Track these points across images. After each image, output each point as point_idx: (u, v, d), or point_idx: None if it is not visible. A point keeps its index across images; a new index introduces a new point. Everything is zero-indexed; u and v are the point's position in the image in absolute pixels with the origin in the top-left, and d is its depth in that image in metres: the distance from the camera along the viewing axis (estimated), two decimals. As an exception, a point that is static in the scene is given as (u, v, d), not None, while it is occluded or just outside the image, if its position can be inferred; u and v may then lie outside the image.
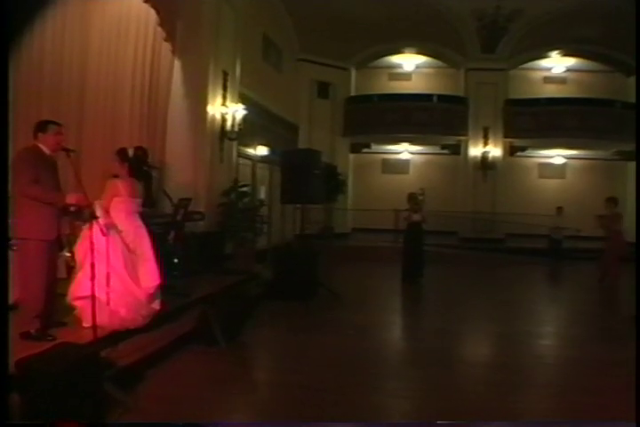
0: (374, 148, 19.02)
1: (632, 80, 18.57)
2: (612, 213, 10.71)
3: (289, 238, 13.50)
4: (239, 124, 10.50)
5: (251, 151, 12.54)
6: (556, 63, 19.13)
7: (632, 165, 18.36)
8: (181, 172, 9.36)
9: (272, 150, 13.11)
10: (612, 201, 10.83)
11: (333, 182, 15.24)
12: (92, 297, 4.27)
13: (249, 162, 12.73)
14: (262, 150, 12.96)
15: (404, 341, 7.19)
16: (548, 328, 7.84)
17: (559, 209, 14.24)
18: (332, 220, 16.40)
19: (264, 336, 6.58)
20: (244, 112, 10.61)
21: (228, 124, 10.33)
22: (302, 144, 15.65)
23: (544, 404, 4.55)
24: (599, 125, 17.09)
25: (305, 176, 8.78)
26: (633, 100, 18.04)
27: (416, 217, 10.89)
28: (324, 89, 17.48)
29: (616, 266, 10.63)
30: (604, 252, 10.89)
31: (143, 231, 5.59)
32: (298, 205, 11.46)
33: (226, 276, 8.90)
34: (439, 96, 17.84)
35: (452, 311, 8.59)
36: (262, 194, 13.45)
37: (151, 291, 5.40)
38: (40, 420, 3.24)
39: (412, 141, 18.20)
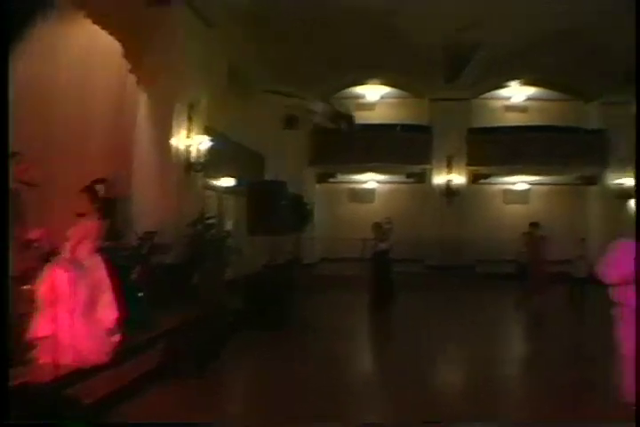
0: (340, 177, 19.19)
1: (590, 107, 19.20)
2: (535, 235, 11.81)
3: (258, 269, 13.42)
4: (204, 156, 10.51)
5: (217, 182, 12.53)
6: (517, 92, 19.71)
7: (593, 189, 18.87)
8: (147, 203, 9.28)
9: (238, 181, 13.10)
10: (535, 225, 12.02)
11: (300, 213, 15.26)
12: (54, 335, 4.17)
13: (215, 193, 12.71)
14: (228, 181, 12.95)
15: (373, 368, 7.18)
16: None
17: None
18: (300, 250, 16.36)
19: (233, 367, 6.52)
20: (210, 144, 10.61)
21: (194, 155, 10.33)
22: (269, 174, 15.67)
23: None
24: (560, 152, 17.56)
25: (271, 208, 8.84)
26: (591, 126, 18.66)
27: (382, 246, 10.97)
28: (290, 119, 17.60)
29: (539, 285, 11.37)
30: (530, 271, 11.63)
31: (103, 266, 5.52)
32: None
33: (193, 307, 8.81)
34: (403, 126, 18.16)
35: (419, 338, 8.66)
36: (229, 225, 13.38)
37: (111, 324, 5.33)
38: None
39: (377, 171, 18.38)
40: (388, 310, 10.99)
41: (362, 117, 19.13)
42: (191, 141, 10.28)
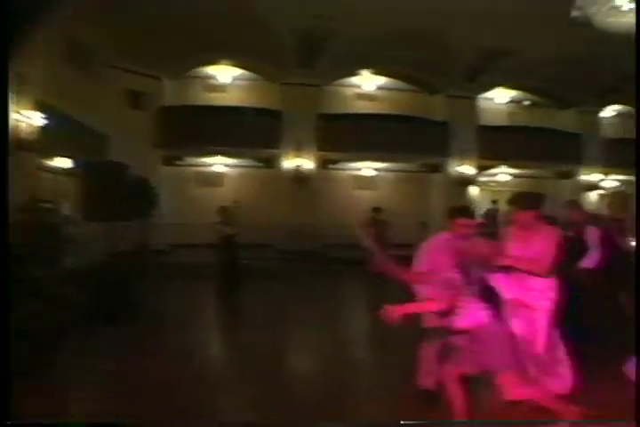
0: (188, 160, 18.60)
1: (436, 99, 20.16)
2: (377, 219, 12.61)
3: (101, 258, 12.66)
4: (38, 134, 9.67)
5: (53, 163, 11.63)
6: (368, 81, 20.11)
7: (436, 177, 19.87)
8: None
9: (78, 162, 12.23)
10: (377, 210, 12.86)
11: (145, 197, 14.57)
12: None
13: (51, 175, 11.80)
14: (66, 162, 12.07)
15: (225, 358, 7.00)
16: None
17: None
18: (146, 236, 15.66)
19: (75, 363, 6.04)
20: (44, 120, 9.78)
21: (24, 133, 9.47)
22: (113, 156, 14.77)
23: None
24: (406, 140, 18.18)
25: (111, 191, 8.28)
26: (436, 117, 19.58)
27: (228, 230, 10.74)
28: (136, 98, 16.76)
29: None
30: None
31: None
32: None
33: (27, 300, 8.08)
34: (254, 109, 17.90)
35: (270, 326, 8.57)
36: (67, 210, 12.49)
37: None
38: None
39: (226, 154, 18.03)
40: (235, 296, 10.80)
41: (212, 99, 18.67)
42: (20, 117, 9.41)
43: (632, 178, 22.24)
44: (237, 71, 18.93)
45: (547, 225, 4.70)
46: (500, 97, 21.83)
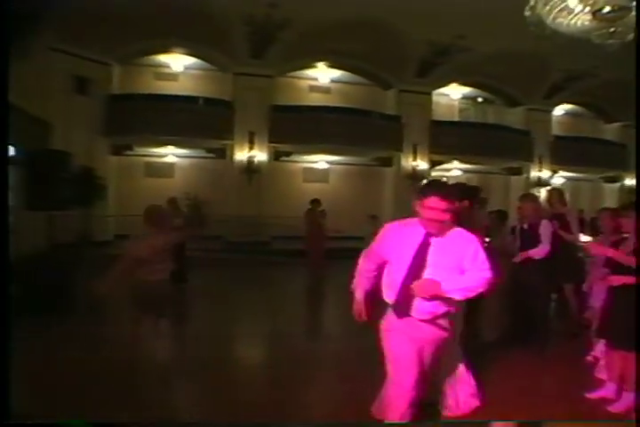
0: (137, 150, 18.23)
1: (390, 93, 20.29)
2: (316, 212, 12.87)
3: (40, 249, 12.32)
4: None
5: (-7, 150, 11.24)
6: (322, 73, 20.07)
7: (389, 170, 20.04)
8: None
9: (18, 150, 11.82)
10: (316, 202, 12.97)
11: (90, 186, 14.27)
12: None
13: (-10, 162, 11.41)
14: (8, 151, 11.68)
15: (167, 349, 6.89)
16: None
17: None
18: (90, 227, 15.34)
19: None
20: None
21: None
22: (57, 144, 14.34)
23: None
24: (359, 133, 18.23)
25: (52, 180, 8.08)
26: (389, 111, 19.70)
27: (177, 222, 10.59)
28: (82, 84, 16.28)
29: (318, 261, 12.85)
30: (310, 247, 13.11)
31: None
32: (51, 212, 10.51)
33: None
34: (205, 99, 17.66)
35: (215, 317, 8.65)
36: (9, 199, 12.09)
37: None
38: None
39: (176, 144, 17.77)
40: (181, 288, 10.69)
41: (163, 88, 18.36)
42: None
43: (578, 175, 22.99)
44: (190, 60, 18.60)
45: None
46: (452, 93, 22.09)
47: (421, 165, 19.88)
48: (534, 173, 22.03)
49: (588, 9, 5.45)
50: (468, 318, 4.94)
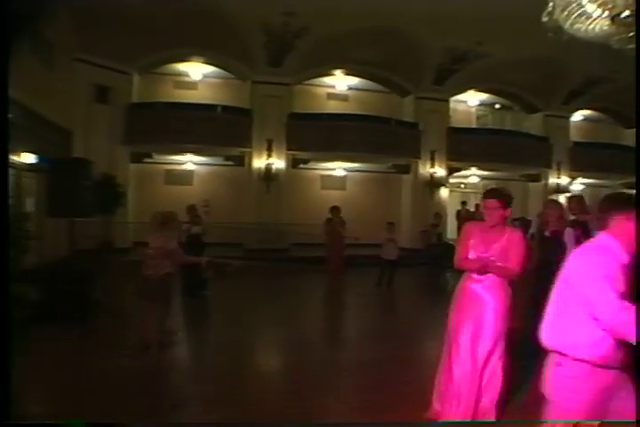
0: (156, 157, 18.40)
1: (407, 100, 20.30)
2: (335, 219, 12.85)
3: (63, 255, 12.45)
4: None
5: (15, 158, 11.40)
6: (339, 81, 20.15)
7: (406, 178, 20.00)
8: None
9: (41, 158, 12.02)
10: (335, 209, 12.90)
11: (111, 194, 14.43)
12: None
13: (13, 171, 11.56)
14: (29, 158, 11.84)
15: (192, 357, 6.94)
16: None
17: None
18: (110, 234, 15.49)
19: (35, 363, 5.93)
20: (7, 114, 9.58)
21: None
22: (77, 152, 14.58)
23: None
24: (377, 140, 18.21)
25: (74, 188, 8.20)
26: (406, 118, 19.71)
27: (195, 229, 10.68)
28: (103, 93, 16.50)
29: (337, 268, 12.99)
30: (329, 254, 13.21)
31: None
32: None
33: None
34: (224, 107, 17.78)
35: (239, 325, 8.58)
36: (29, 206, 12.28)
37: None
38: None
39: (195, 152, 17.89)
40: (201, 295, 10.75)
41: (182, 96, 18.52)
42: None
43: (598, 181, 22.79)
44: (208, 68, 18.78)
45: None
46: (470, 99, 22.06)
47: (439, 171, 19.82)
48: (553, 180, 21.90)
49: (606, 14, 5.41)
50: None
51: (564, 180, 22.02)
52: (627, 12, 5.13)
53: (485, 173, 21.33)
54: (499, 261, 4.20)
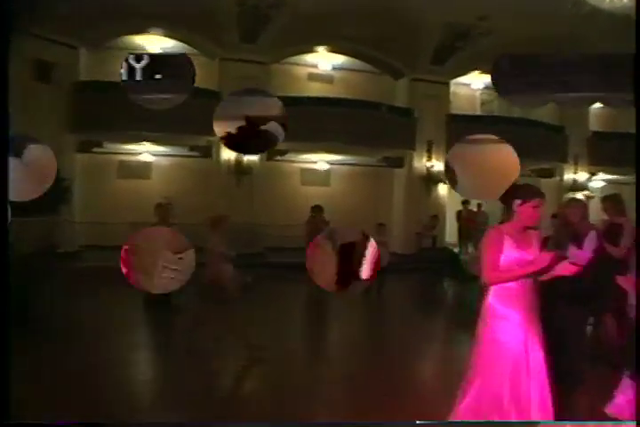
0: (107, 147, 17.99)
1: (401, 83, 20.13)
2: (317, 220, 13.18)
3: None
4: None
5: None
6: (323, 59, 19.96)
7: (399, 172, 19.83)
8: None
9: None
10: (317, 209, 13.33)
11: (53, 188, 14.05)
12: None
13: None
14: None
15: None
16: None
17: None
18: (54, 235, 15.14)
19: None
20: None
21: None
22: (15, 139, 14.19)
23: None
24: (365, 129, 18.06)
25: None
26: (400, 103, 19.55)
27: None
28: (44, 70, 16.08)
29: None
30: None
31: None
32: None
33: None
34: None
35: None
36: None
37: None
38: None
39: (155, 141, 17.59)
40: (164, 307, 10.57)
41: (138, 75, 18.17)
42: None
43: (621, 177, 22.71)
44: (168, 43, 18.42)
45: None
46: (473, 82, 21.95)
47: (436, 165, 19.63)
48: (569, 176, 21.84)
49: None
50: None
51: (581, 175, 21.97)
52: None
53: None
54: None
